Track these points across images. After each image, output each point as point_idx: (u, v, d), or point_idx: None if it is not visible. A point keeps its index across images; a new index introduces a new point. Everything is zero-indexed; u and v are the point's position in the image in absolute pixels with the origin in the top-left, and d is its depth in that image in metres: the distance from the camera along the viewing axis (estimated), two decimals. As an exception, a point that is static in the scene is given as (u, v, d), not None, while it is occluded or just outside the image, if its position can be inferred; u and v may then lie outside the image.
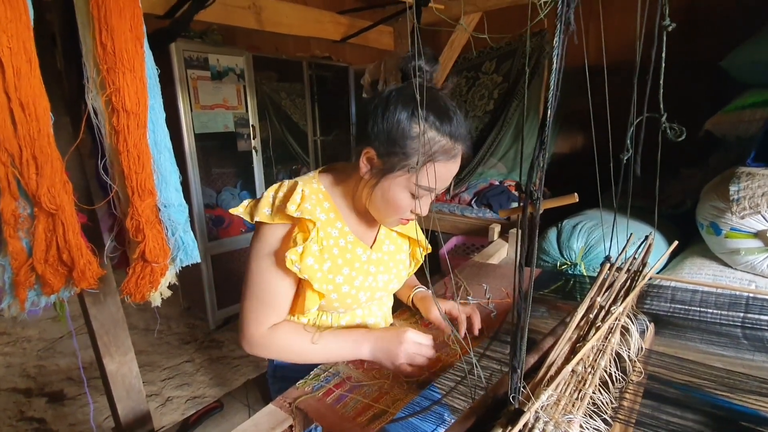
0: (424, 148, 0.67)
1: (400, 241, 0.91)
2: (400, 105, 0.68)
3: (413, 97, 0.68)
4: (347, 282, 0.78)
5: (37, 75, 0.48)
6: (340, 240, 0.79)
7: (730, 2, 2.11)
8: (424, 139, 0.66)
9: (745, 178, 1.26)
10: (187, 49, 2.22)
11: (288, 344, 0.77)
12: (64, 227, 0.54)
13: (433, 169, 0.68)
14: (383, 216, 0.77)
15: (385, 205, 0.74)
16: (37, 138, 0.49)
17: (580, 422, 0.47)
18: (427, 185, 0.69)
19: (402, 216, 0.75)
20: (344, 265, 0.78)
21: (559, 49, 0.40)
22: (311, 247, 0.72)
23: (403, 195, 0.71)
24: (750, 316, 0.90)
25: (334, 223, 0.79)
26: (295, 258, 0.70)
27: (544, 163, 0.42)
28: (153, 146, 0.62)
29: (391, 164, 0.69)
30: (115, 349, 0.93)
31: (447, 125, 0.68)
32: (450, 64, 1.92)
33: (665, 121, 0.81)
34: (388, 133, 0.68)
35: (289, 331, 0.78)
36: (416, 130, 0.67)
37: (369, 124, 0.70)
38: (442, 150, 0.68)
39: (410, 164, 0.68)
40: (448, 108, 0.69)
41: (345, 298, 0.79)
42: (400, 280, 0.90)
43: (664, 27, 0.78)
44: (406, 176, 0.70)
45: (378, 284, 0.84)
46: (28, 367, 2.28)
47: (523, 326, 0.48)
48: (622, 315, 0.68)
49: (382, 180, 0.71)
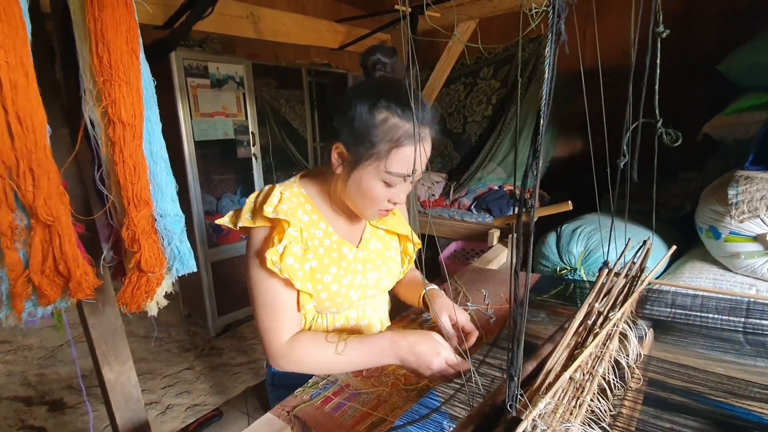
0: (388, 134, 0.68)
1: (388, 239, 0.91)
2: (361, 97, 0.70)
3: (373, 88, 0.71)
4: (336, 281, 0.79)
5: (34, 89, 0.49)
6: (324, 240, 0.80)
7: (726, 6, 2.12)
8: (387, 125, 0.68)
9: (743, 181, 1.26)
10: (186, 58, 2.23)
11: (311, 354, 0.75)
12: (60, 238, 0.54)
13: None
14: (361, 209, 0.77)
15: (360, 197, 0.74)
16: (33, 150, 0.49)
17: (578, 430, 0.47)
18: (398, 171, 0.70)
19: (380, 207, 0.75)
20: (331, 264, 0.79)
21: (550, 59, 0.41)
22: (292, 248, 0.73)
23: (376, 184, 0.72)
24: (751, 320, 0.89)
25: (317, 224, 0.80)
26: (275, 259, 0.71)
27: (537, 171, 0.42)
28: (149, 157, 0.62)
29: (359, 155, 0.71)
30: (113, 359, 0.93)
31: (409, 110, 0.69)
32: (447, 71, 1.93)
33: (661, 127, 0.81)
34: (352, 126, 0.69)
35: (311, 341, 0.76)
36: (379, 118, 0.68)
37: (335, 120, 0.72)
38: (408, 134, 0.69)
39: (378, 152, 0.69)
40: (407, 95, 0.70)
41: (335, 297, 0.79)
42: (392, 277, 0.90)
43: (658, 34, 0.79)
44: (375, 165, 0.70)
45: (368, 282, 0.84)
46: (29, 376, 2.27)
47: (519, 334, 0.48)
48: (621, 321, 0.68)
49: (354, 172, 0.72)
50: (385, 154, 0.69)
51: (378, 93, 0.70)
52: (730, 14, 2.12)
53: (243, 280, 2.75)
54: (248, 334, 2.70)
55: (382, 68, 0.75)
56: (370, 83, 0.74)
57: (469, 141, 2.86)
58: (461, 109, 2.86)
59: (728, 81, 1.74)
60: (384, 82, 0.74)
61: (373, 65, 0.75)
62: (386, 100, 0.69)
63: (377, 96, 0.69)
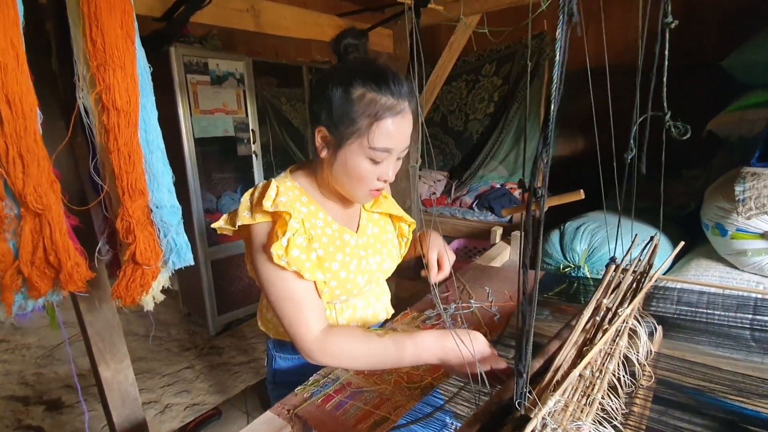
0: (367, 109, 0.68)
1: (383, 222, 0.92)
2: (336, 77, 0.70)
3: (347, 68, 0.72)
4: (343, 267, 0.78)
5: (24, 71, 0.47)
6: (326, 229, 0.79)
7: (730, 3, 2.11)
8: (365, 101, 0.68)
9: (750, 178, 1.25)
10: (186, 54, 2.22)
11: (350, 348, 0.72)
12: (51, 228, 0.52)
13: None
14: (351, 191, 0.76)
15: (348, 178, 0.74)
16: (23, 136, 0.47)
17: (589, 429, 0.45)
18: (381, 146, 0.70)
19: (369, 187, 0.75)
20: (336, 252, 0.78)
21: (562, 40, 0.39)
22: (296, 240, 0.72)
23: (362, 161, 0.72)
24: (759, 317, 0.88)
25: (316, 214, 0.79)
26: (281, 252, 0.70)
27: (548, 159, 0.41)
28: (144, 145, 0.60)
29: (341, 135, 0.71)
30: (110, 357, 0.91)
31: (385, 84, 0.69)
32: (449, 67, 1.91)
33: (669, 119, 0.80)
34: (330, 107, 0.70)
35: (348, 335, 0.74)
36: (355, 95, 0.69)
37: (314, 106, 0.73)
38: (386, 107, 0.69)
39: (359, 128, 0.69)
40: (384, 69, 0.71)
41: (345, 283, 0.79)
42: (392, 259, 0.90)
43: (666, 24, 0.77)
44: (357, 142, 0.70)
45: (372, 266, 0.84)
46: (27, 375, 2.25)
47: (528, 329, 0.46)
48: (630, 317, 0.66)
49: (338, 153, 0.72)
50: (366, 129, 0.69)
51: (352, 71, 0.70)
52: (733, 11, 2.10)
53: (243, 278, 2.73)
54: (248, 333, 2.68)
55: (354, 50, 0.76)
56: (343, 65, 0.74)
57: (470, 139, 2.85)
58: (463, 106, 2.84)
59: (731, 78, 1.72)
60: (357, 62, 0.74)
61: (345, 49, 0.76)
62: (361, 77, 0.69)
63: (351, 74, 0.70)
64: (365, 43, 0.77)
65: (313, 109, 0.73)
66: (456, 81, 2.85)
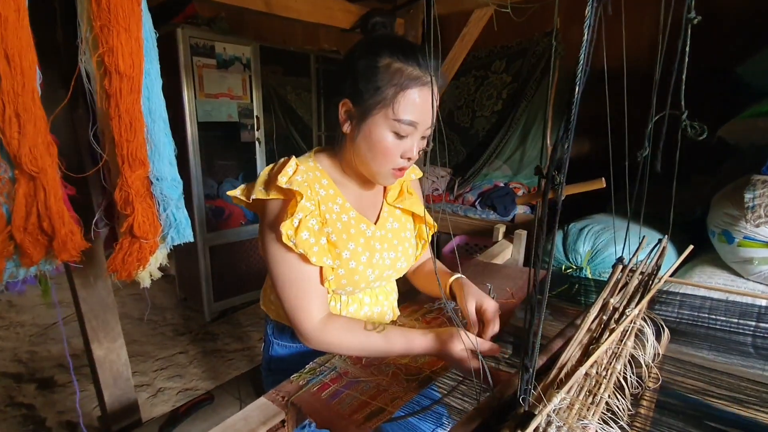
0: (393, 78, 0.67)
1: (404, 219, 0.89)
2: (363, 49, 0.70)
3: (373, 40, 0.71)
4: (354, 257, 0.76)
5: (25, 26, 0.45)
6: (342, 215, 0.77)
7: (746, 8, 2.08)
8: (391, 69, 0.67)
9: (760, 185, 1.23)
10: (193, 36, 2.19)
11: (349, 339, 0.72)
12: (45, 193, 0.50)
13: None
14: (373, 168, 0.74)
15: (371, 153, 0.72)
16: (21, 93, 0.45)
17: (595, 428, 0.44)
18: (407, 118, 0.68)
19: (393, 165, 0.73)
20: (349, 240, 0.76)
21: (591, 19, 0.37)
22: (308, 222, 0.70)
23: (386, 134, 0.70)
24: (762, 325, 0.87)
25: (334, 198, 0.77)
26: (290, 233, 0.68)
27: (569, 144, 0.39)
28: (147, 114, 0.58)
29: (366, 106, 0.69)
30: (103, 335, 0.89)
31: (412, 54, 0.68)
32: (460, 59, 1.88)
33: (686, 119, 0.78)
34: (356, 77, 0.69)
35: (348, 326, 0.74)
36: (382, 63, 0.68)
37: (338, 80, 0.72)
38: (413, 77, 0.68)
39: (384, 98, 0.68)
40: (413, 44, 0.71)
41: (352, 274, 0.76)
42: (407, 258, 0.87)
43: (690, 19, 0.75)
44: (383, 112, 0.69)
45: (385, 262, 0.81)
46: (20, 353, 2.25)
47: (537, 321, 0.45)
48: (638, 318, 0.64)
49: (362, 125, 0.70)
50: (392, 99, 0.68)
51: (378, 42, 0.70)
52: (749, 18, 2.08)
53: (241, 266, 2.72)
54: (244, 320, 2.67)
55: (381, 27, 0.76)
56: (371, 38, 0.73)
57: (476, 136, 2.82)
58: (470, 102, 2.81)
59: (745, 85, 1.70)
60: (384, 35, 0.74)
61: (372, 26, 0.76)
62: (388, 47, 0.68)
63: (378, 45, 0.69)
64: (392, 23, 0.79)
65: (338, 84, 0.72)
66: (465, 76, 2.82)
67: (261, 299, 0.90)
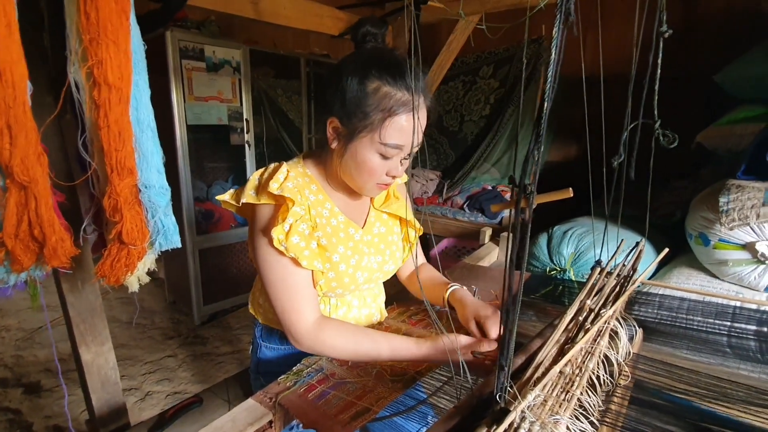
0: (381, 104, 0.67)
1: (391, 223, 0.90)
2: (352, 68, 0.69)
3: (363, 59, 0.70)
4: (343, 260, 0.77)
5: (15, 39, 0.46)
6: (331, 220, 0.78)
7: (724, 17, 2.15)
8: (379, 94, 0.67)
9: (734, 190, 1.27)
10: (183, 39, 2.19)
11: (343, 343, 0.74)
12: (36, 201, 0.51)
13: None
14: (359, 183, 0.76)
15: (357, 171, 0.73)
16: (12, 106, 0.46)
17: (566, 424, 0.46)
18: (393, 142, 0.69)
19: (378, 181, 0.74)
20: (339, 243, 0.77)
21: (558, 39, 0.39)
22: (298, 226, 0.71)
23: (372, 156, 0.71)
24: (736, 325, 0.90)
25: (323, 203, 0.78)
26: (281, 237, 0.69)
27: (539, 156, 0.41)
28: (135, 123, 0.60)
29: (353, 127, 0.70)
30: (91, 339, 0.90)
31: (401, 78, 0.68)
32: (447, 66, 1.92)
33: (658, 128, 0.81)
34: (344, 98, 0.69)
35: (342, 329, 0.75)
36: (370, 87, 0.68)
37: (327, 94, 0.72)
38: (401, 102, 0.68)
39: (371, 123, 0.68)
40: (401, 62, 0.70)
41: (342, 277, 0.78)
42: (395, 261, 0.89)
43: (661, 33, 0.78)
44: (369, 136, 0.69)
45: (373, 266, 0.83)
46: (6, 357, 2.21)
47: (512, 324, 0.47)
48: (612, 318, 0.67)
49: (349, 145, 0.71)
50: (379, 124, 0.68)
51: (369, 63, 0.69)
52: (727, 26, 2.14)
53: (231, 269, 2.71)
54: (234, 324, 2.67)
55: (373, 39, 0.75)
56: (361, 54, 0.73)
57: (465, 140, 2.86)
58: (459, 107, 2.85)
59: (721, 92, 1.76)
60: (375, 52, 0.73)
61: (363, 37, 0.75)
62: (377, 69, 0.68)
63: (368, 66, 0.69)
64: (384, 32, 0.76)
65: (326, 98, 0.72)
66: (453, 81, 2.86)
67: (250, 303, 0.92)
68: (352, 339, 0.74)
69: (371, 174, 0.73)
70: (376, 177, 0.73)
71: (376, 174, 0.73)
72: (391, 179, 0.76)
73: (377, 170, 0.72)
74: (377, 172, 0.73)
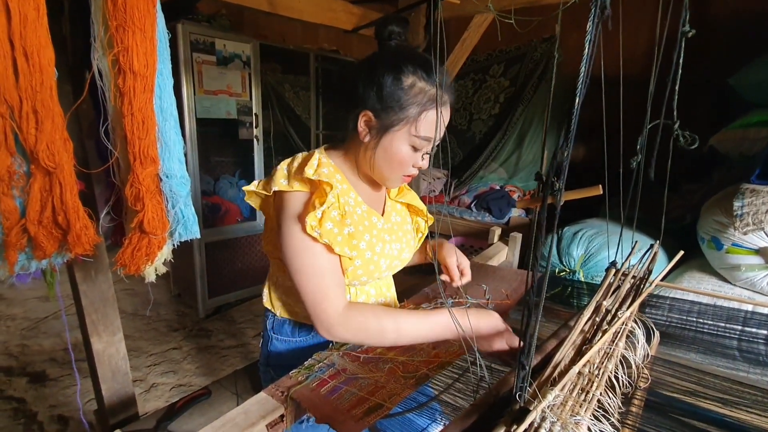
0: (417, 98, 0.71)
1: (405, 213, 0.95)
2: (387, 64, 0.72)
3: (397, 55, 0.74)
4: (369, 248, 0.79)
5: (44, 24, 0.45)
6: (356, 209, 0.80)
7: (739, 21, 2.12)
8: (415, 90, 0.71)
9: (749, 194, 1.26)
10: (193, 32, 2.18)
11: (374, 324, 0.74)
12: (61, 187, 0.51)
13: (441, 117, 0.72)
14: (387, 175, 0.79)
15: (388, 163, 0.76)
16: (39, 90, 0.46)
17: (588, 424, 0.46)
18: (426, 135, 0.73)
19: (405, 172, 0.78)
20: (365, 231, 0.79)
21: (592, 33, 0.39)
22: (330, 213, 0.72)
23: (405, 148, 0.75)
24: (747, 329, 0.90)
25: (348, 193, 0.80)
26: (314, 224, 0.70)
27: (569, 152, 0.41)
28: (159, 112, 0.59)
29: (389, 120, 0.73)
30: (103, 329, 0.90)
31: (431, 73, 0.72)
32: (460, 63, 1.90)
33: (677, 129, 0.80)
34: (381, 92, 0.72)
35: (371, 311, 0.76)
36: (407, 83, 0.71)
37: (359, 88, 0.74)
38: (432, 98, 0.72)
39: (408, 116, 0.72)
40: (429, 60, 0.74)
41: (368, 264, 0.79)
42: (410, 249, 0.92)
43: (684, 33, 0.77)
44: (405, 129, 0.73)
45: (393, 253, 0.85)
46: (11, 346, 2.23)
47: (534, 321, 0.47)
48: (629, 320, 0.66)
49: (383, 138, 0.74)
50: (415, 118, 0.72)
51: (403, 59, 0.72)
52: (741, 29, 2.12)
53: (237, 263, 2.71)
54: (239, 317, 2.67)
55: (397, 37, 0.77)
56: (392, 52, 0.76)
57: (473, 139, 2.85)
58: (468, 105, 2.83)
59: (736, 95, 1.74)
60: (405, 50, 0.76)
61: (388, 35, 0.77)
62: (412, 66, 0.72)
63: (403, 62, 0.72)
64: (407, 31, 0.79)
65: (359, 92, 0.74)
66: (463, 79, 2.85)
67: (264, 297, 0.91)
68: (384, 319, 0.74)
69: (401, 165, 0.76)
70: (404, 168, 0.77)
71: (405, 165, 0.76)
72: (416, 171, 0.79)
73: (407, 162, 0.76)
74: (407, 164, 0.76)
